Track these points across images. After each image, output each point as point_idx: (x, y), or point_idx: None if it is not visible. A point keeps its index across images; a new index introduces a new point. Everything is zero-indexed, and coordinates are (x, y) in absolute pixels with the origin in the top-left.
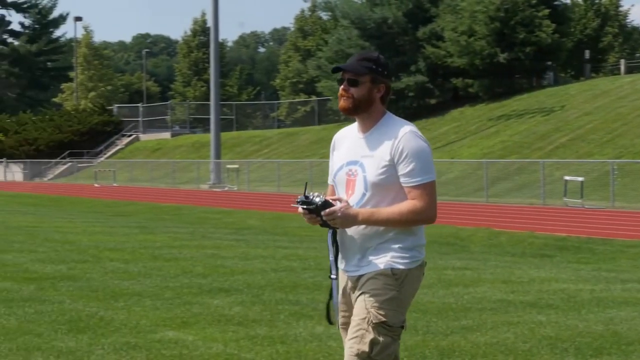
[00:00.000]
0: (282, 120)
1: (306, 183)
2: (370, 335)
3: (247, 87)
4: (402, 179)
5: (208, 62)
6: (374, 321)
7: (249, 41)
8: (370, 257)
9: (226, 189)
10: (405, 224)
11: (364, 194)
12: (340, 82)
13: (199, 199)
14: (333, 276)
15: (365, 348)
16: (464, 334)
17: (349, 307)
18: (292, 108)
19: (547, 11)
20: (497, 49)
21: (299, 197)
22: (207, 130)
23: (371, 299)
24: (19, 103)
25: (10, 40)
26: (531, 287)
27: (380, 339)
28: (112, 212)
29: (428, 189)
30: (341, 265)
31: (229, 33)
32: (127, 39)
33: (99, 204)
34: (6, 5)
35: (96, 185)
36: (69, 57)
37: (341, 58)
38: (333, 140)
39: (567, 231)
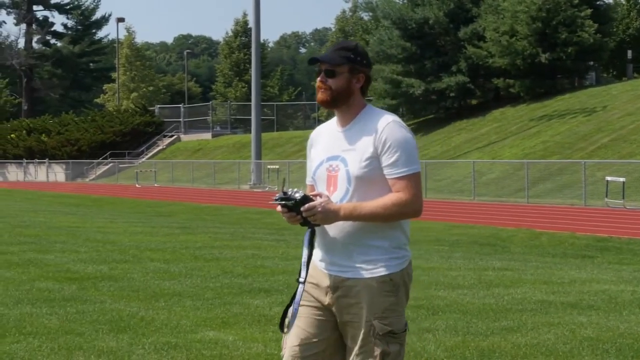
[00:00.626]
0: (322, 120)
1: (284, 179)
2: (379, 348)
3: (288, 88)
4: (385, 171)
5: (249, 63)
6: (380, 332)
7: (290, 42)
8: (359, 260)
9: (267, 189)
10: (390, 218)
11: (347, 189)
12: (317, 73)
13: (239, 199)
14: (301, 279)
15: None
16: (505, 334)
17: (320, 305)
18: None
19: (589, 11)
20: (538, 49)
21: (277, 194)
22: (248, 131)
23: (371, 309)
24: (61, 104)
25: (53, 41)
26: (572, 288)
27: (390, 349)
28: (153, 213)
29: (413, 181)
30: (321, 265)
31: (270, 34)
32: (169, 39)
33: (140, 204)
34: (49, 7)
35: (137, 185)
36: (111, 58)
37: (382, 59)
38: (310, 138)
39: (608, 232)
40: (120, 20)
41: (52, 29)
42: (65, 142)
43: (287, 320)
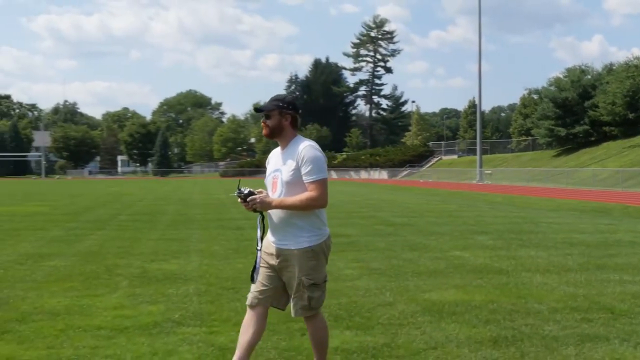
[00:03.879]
0: (513, 149)
1: (239, 180)
2: (306, 294)
3: (495, 132)
4: (303, 177)
5: (475, 120)
6: (306, 284)
7: (496, 109)
8: (290, 235)
9: (484, 183)
10: (305, 208)
11: (282, 189)
12: (262, 117)
13: (470, 188)
14: (258, 248)
15: (305, 302)
16: (611, 257)
17: (270, 266)
18: (518, 143)
19: None
20: (627, 111)
21: (237, 190)
22: (475, 154)
23: (301, 269)
24: (385, 142)
25: (381, 112)
26: None
27: (314, 295)
28: (426, 193)
29: (320, 184)
30: (271, 239)
31: (486, 106)
32: (437, 110)
33: (422, 190)
34: (380, 96)
35: (421, 181)
36: (408, 120)
37: (544, 117)
38: (269, 156)
39: None
40: (413, 101)
41: (381, 106)
42: (385, 160)
43: (255, 276)
